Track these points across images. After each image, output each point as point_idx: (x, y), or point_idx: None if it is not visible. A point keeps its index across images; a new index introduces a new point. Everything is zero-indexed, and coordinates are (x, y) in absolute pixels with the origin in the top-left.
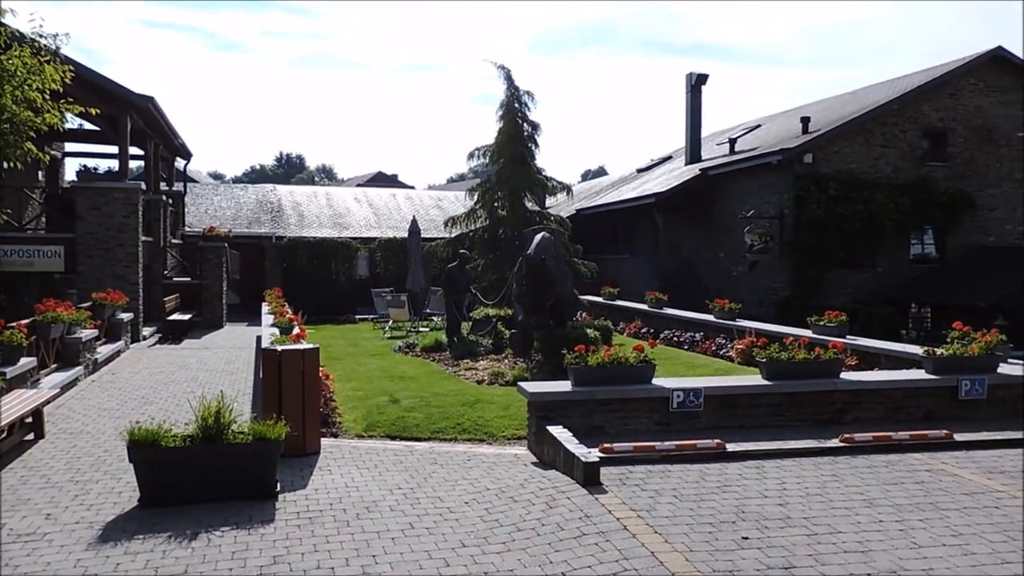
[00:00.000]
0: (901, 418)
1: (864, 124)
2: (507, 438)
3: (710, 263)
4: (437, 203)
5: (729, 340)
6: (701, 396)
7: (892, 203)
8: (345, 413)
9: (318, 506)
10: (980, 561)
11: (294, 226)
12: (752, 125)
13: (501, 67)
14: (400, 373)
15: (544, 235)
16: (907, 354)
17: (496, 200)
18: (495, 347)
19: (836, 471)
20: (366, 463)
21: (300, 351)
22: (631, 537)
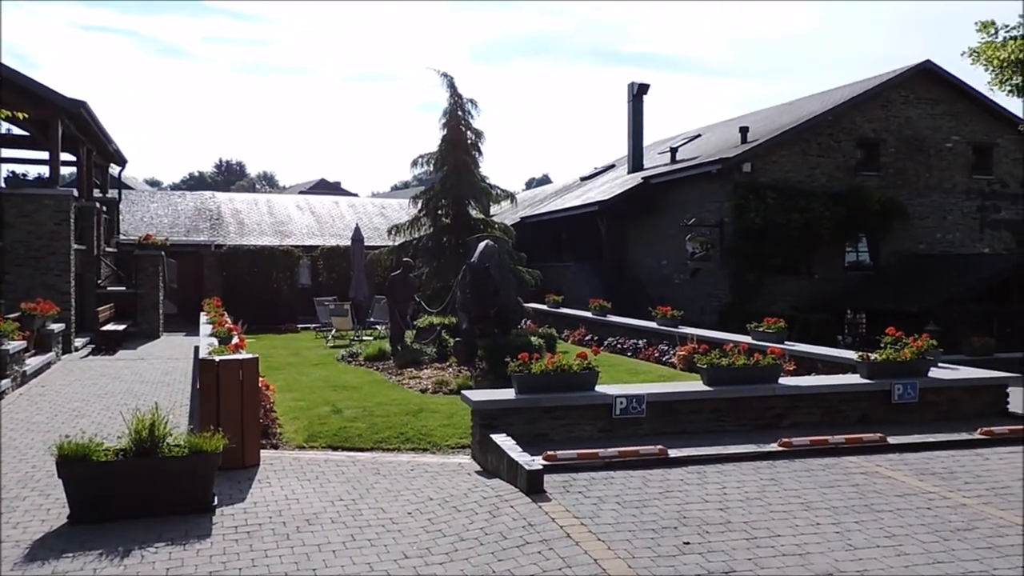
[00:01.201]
0: (837, 422)
1: (800, 134)
2: (451, 447)
3: (653, 270)
4: (381, 211)
5: (671, 347)
6: (644, 402)
7: (827, 211)
8: (286, 424)
9: (257, 519)
10: (913, 561)
11: (234, 234)
12: (693, 134)
13: (444, 75)
14: (343, 383)
15: (488, 243)
16: (843, 359)
17: (440, 208)
18: (439, 355)
19: (775, 475)
20: (307, 475)
21: (239, 361)
22: (574, 545)
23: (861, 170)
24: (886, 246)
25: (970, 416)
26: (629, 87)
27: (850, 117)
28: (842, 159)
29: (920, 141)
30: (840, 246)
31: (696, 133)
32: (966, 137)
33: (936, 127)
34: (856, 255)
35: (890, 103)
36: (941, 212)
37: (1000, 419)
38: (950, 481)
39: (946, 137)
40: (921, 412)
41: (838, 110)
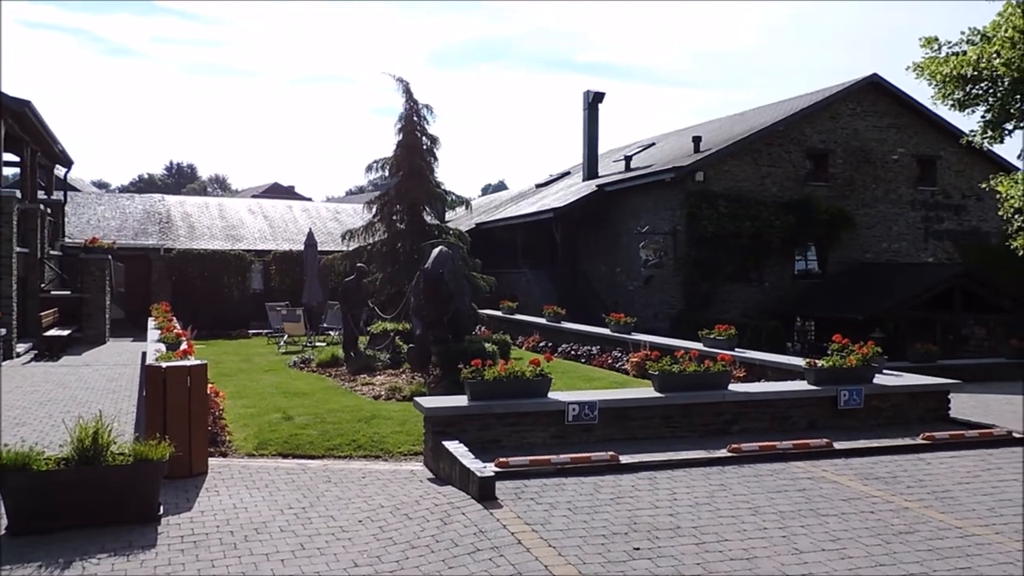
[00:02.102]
0: (786, 427)
1: (752, 144)
2: (403, 454)
3: (607, 277)
4: (335, 216)
5: (625, 353)
6: (596, 409)
7: (778, 220)
8: (235, 431)
9: (204, 529)
10: (856, 564)
11: (184, 238)
12: (647, 143)
13: (400, 80)
14: (295, 389)
15: (442, 249)
16: (791, 366)
17: (395, 213)
18: (393, 362)
19: (724, 480)
20: (256, 483)
21: (186, 367)
22: (525, 551)
23: (810, 180)
24: (834, 255)
25: (913, 421)
26: (584, 95)
27: (800, 128)
28: (792, 169)
29: (867, 153)
30: (790, 254)
31: (650, 142)
32: (911, 149)
33: (883, 139)
34: (805, 263)
35: (839, 115)
36: (887, 222)
37: (942, 424)
38: (893, 485)
39: (892, 149)
40: (866, 417)
41: (788, 121)
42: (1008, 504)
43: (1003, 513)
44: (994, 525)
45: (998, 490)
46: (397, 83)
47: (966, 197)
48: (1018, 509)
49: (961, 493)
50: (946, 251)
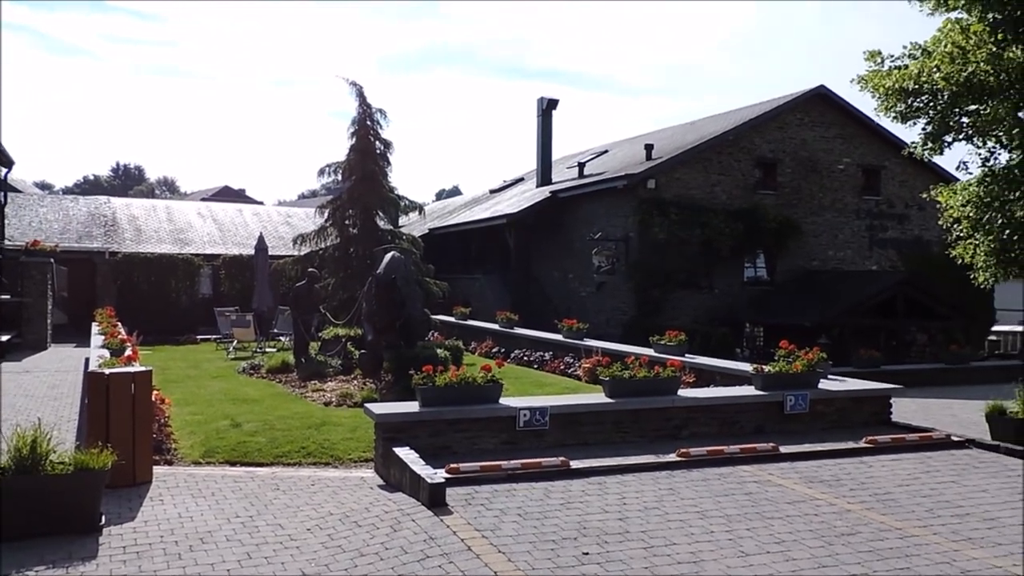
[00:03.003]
0: (734, 432)
1: (702, 153)
2: (354, 461)
3: (560, 283)
4: (286, 220)
5: (577, 359)
6: (547, 415)
7: (727, 228)
8: (182, 439)
9: (147, 539)
10: (800, 566)
11: (130, 241)
12: (600, 150)
13: (353, 84)
14: (243, 396)
15: (395, 254)
16: (739, 371)
17: (347, 218)
18: (344, 368)
19: (673, 484)
20: (202, 491)
21: (130, 374)
22: (475, 558)
23: (759, 189)
24: (782, 262)
25: (856, 425)
26: (539, 102)
27: (749, 138)
28: (741, 178)
29: (814, 162)
30: (739, 261)
31: (603, 149)
32: (857, 160)
33: (829, 149)
34: (754, 270)
35: (787, 125)
36: (833, 230)
37: (884, 428)
38: (836, 488)
39: (838, 159)
40: (811, 422)
41: (738, 130)
42: (945, 506)
43: (940, 514)
44: (932, 526)
45: (936, 492)
46: (350, 87)
47: (909, 207)
48: (955, 510)
49: (901, 495)
50: (890, 259)
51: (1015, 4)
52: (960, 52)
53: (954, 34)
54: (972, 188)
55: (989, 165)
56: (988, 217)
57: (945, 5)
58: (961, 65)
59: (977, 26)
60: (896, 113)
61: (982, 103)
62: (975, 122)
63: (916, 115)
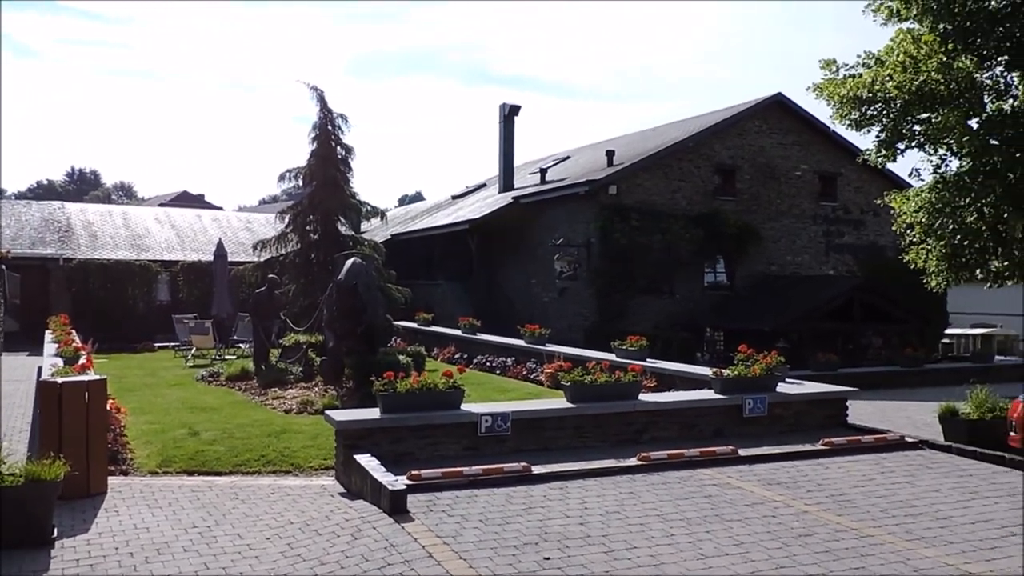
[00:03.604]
0: (694, 435)
1: (663, 159)
2: (315, 469)
3: (522, 289)
4: (247, 225)
5: (539, 364)
6: (509, 420)
7: (688, 233)
8: (138, 448)
9: (101, 551)
10: (758, 567)
11: (86, 247)
12: (562, 156)
13: (314, 88)
14: (202, 404)
15: (356, 260)
16: (699, 375)
17: (308, 224)
18: (305, 375)
19: (634, 488)
20: (159, 501)
21: (84, 383)
22: (436, 564)
23: (719, 195)
24: (742, 267)
25: (813, 428)
26: (501, 108)
27: (709, 144)
28: (701, 184)
29: (772, 169)
30: (700, 267)
31: (565, 155)
32: (813, 166)
33: (787, 156)
34: (714, 275)
35: (746, 132)
36: (791, 236)
37: (840, 430)
38: (794, 490)
39: (796, 166)
40: (770, 425)
41: (698, 137)
42: (900, 505)
43: (895, 514)
44: (887, 526)
45: (891, 492)
46: (311, 92)
47: (864, 212)
48: (909, 510)
49: (857, 496)
50: (846, 264)
51: (964, 15)
52: (912, 61)
53: (906, 44)
54: (924, 194)
55: (940, 172)
56: (940, 223)
57: (898, 16)
58: (913, 74)
59: (928, 36)
60: (851, 121)
61: (933, 111)
62: (927, 130)
63: (870, 123)
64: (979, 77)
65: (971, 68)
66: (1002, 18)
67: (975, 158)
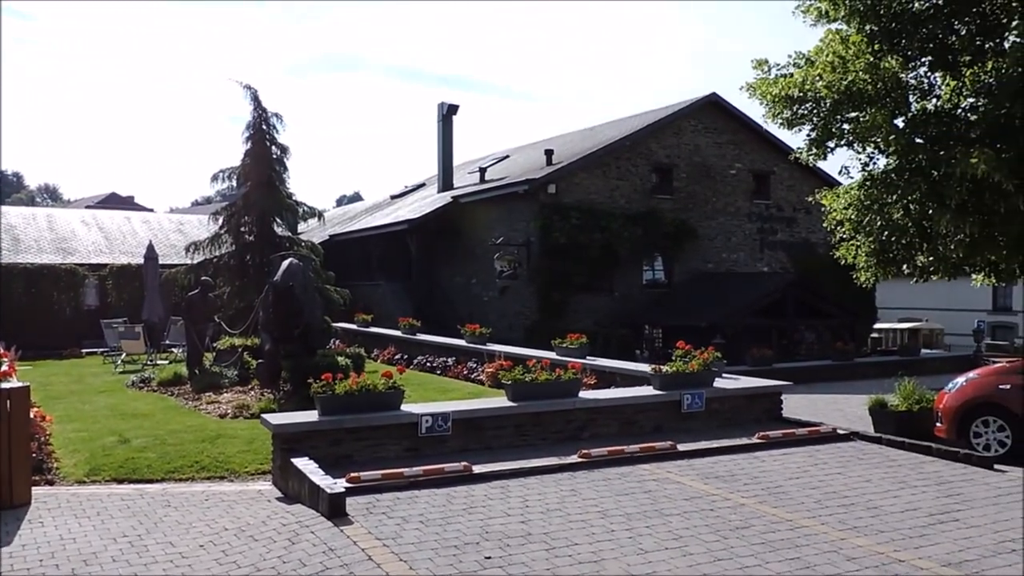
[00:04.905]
0: (633, 432)
1: (601, 158)
2: (251, 474)
3: (463, 289)
4: (179, 227)
5: (480, 364)
6: (449, 420)
7: (626, 232)
8: (64, 457)
9: (25, 564)
10: (696, 560)
11: (7, 251)
12: (501, 155)
13: (248, 87)
14: (132, 410)
15: (292, 261)
16: (639, 372)
17: (243, 225)
18: (241, 378)
19: (575, 486)
20: (87, 511)
21: (5, 391)
22: (376, 567)
23: (656, 193)
24: (679, 265)
25: (750, 422)
26: (439, 107)
27: (647, 143)
28: (639, 182)
29: (708, 168)
30: (638, 264)
31: (504, 154)
32: (748, 165)
33: (722, 155)
34: (653, 273)
35: (682, 131)
36: (727, 234)
37: (775, 424)
38: (731, 483)
39: (730, 164)
40: (707, 420)
41: (636, 136)
42: (833, 496)
43: (828, 505)
44: (820, 516)
45: (824, 483)
46: (245, 90)
47: (796, 210)
48: (841, 500)
49: (792, 488)
50: (780, 261)
51: (890, 17)
52: (841, 62)
53: (835, 44)
54: (853, 192)
55: (869, 170)
56: (868, 219)
57: (827, 17)
58: (842, 74)
59: (856, 37)
60: (782, 120)
61: (861, 110)
62: (855, 128)
63: (801, 122)
64: (904, 77)
65: (897, 68)
66: (925, 19)
67: (901, 156)
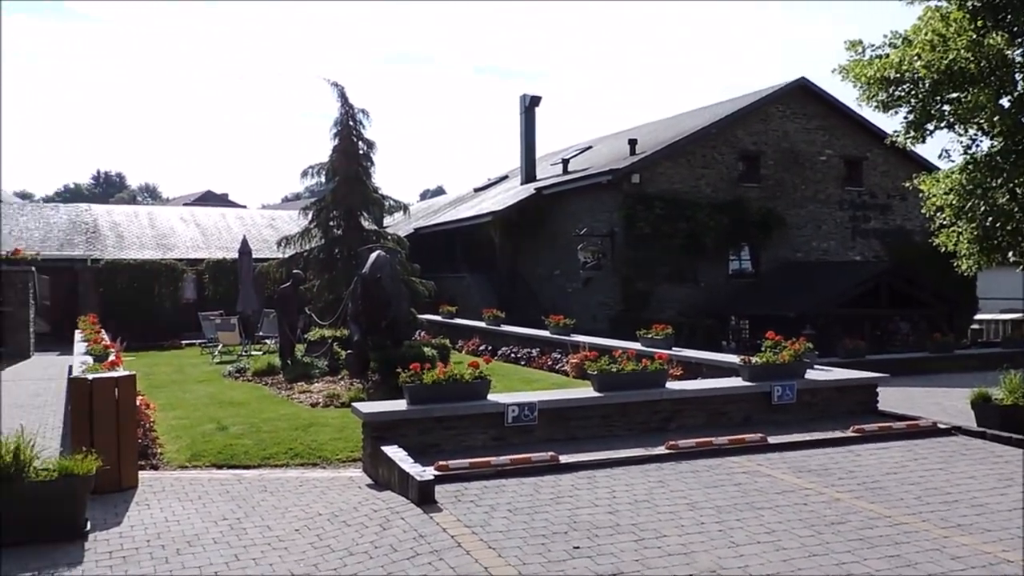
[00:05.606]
0: (722, 423)
1: (686, 147)
2: (342, 461)
3: (546, 280)
4: (271, 222)
5: (564, 355)
6: (535, 410)
7: (712, 221)
8: (167, 443)
9: (133, 544)
10: (791, 555)
11: (112, 248)
12: (584, 146)
13: (335, 84)
14: (229, 399)
15: (380, 253)
16: (726, 363)
17: (331, 219)
18: (331, 369)
19: (662, 477)
20: (189, 495)
21: (114, 379)
22: (465, 554)
23: (743, 181)
24: (766, 254)
25: (843, 415)
26: (521, 99)
27: (732, 131)
28: (725, 171)
29: (797, 154)
30: (724, 254)
31: (587, 145)
32: (839, 151)
33: (811, 141)
34: (739, 263)
35: (769, 118)
36: (816, 222)
37: (871, 417)
38: (825, 477)
39: (820, 150)
40: (798, 412)
41: (721, 124)
42: (934, 493)
43: (929, 501)
44: (921, 513)
45: (924, 479)
46: (332, 87)
47: (891, 197)
48: (944, 497)
49: (890, 483)
50: (873, 249)
51: None
52: (940, 40)
53: (934, 22)
54: (955, 176)
55: (971, 153)
56: (971, 204)
57: None
58: (942, 53)
59: (957, 14)
60: (877, 102)
61: (963, 91)
62: (956, 110)
63: (897, 104)
64: (1010, 54)
65: (1002, 45)
66: None
67: (1007, 138)
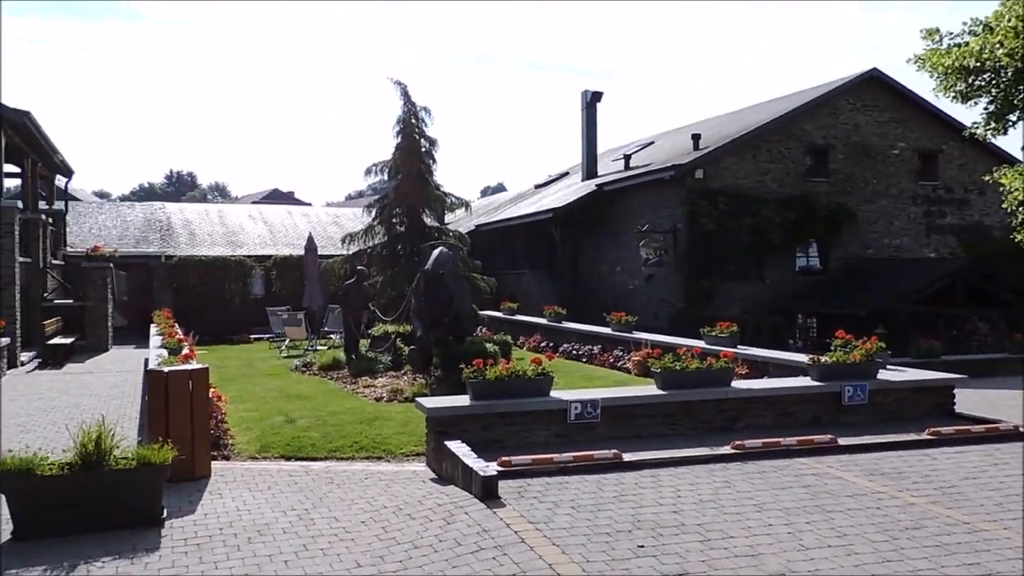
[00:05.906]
0: (789, 424)
1: (751, 141)
2: (406, 455)
3: (607, 276)
4: (335, 220)
5: (626, 352)
6: (598, 407)
7: (778, 217)
8: (238, 435)
9: (207, 531)
10: (863, 560)
11: (185, 245)
12: (646, 142)
13: (398, 83)
14: (296, 392)
15: (442, 250)
16: (794, 362)
17: (394, 216)
18: (394, 364)
19: (728, 477)
20: (259, 485)
21: (188, 371)
22: (529, 550)
23: (811, 176)
24: (835, 251)
25: (918, 417)
26: (583, 95)
27: (799, 124)
28: (792, 165)
29: (868, 148)
30: (790, 251)
31: (649, 140)
32: (912, 144)
33: (883, 134)
34: (807, 259)
35: (839, 110)
36: (888, 217)
37: (947, 419)
38: (899, 481)
39: (893, 143)
40: (870, 413)
41: (787, 117)
42: (1015, 499)
43: (1011, 508)
44: (1002, 520)
45: (1005, 485)
46: (395, 86)
47: (968, 191)
48: None
49: (968, 488)
50: (948, 245)
51: None
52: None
53: (1018, 7)
54: None
55: None
56: None
57: None
58: None
59: None
60: (956, 93)
61: None
62: None
63: (977, 94)
64: None
65: None
66: None
67: None
